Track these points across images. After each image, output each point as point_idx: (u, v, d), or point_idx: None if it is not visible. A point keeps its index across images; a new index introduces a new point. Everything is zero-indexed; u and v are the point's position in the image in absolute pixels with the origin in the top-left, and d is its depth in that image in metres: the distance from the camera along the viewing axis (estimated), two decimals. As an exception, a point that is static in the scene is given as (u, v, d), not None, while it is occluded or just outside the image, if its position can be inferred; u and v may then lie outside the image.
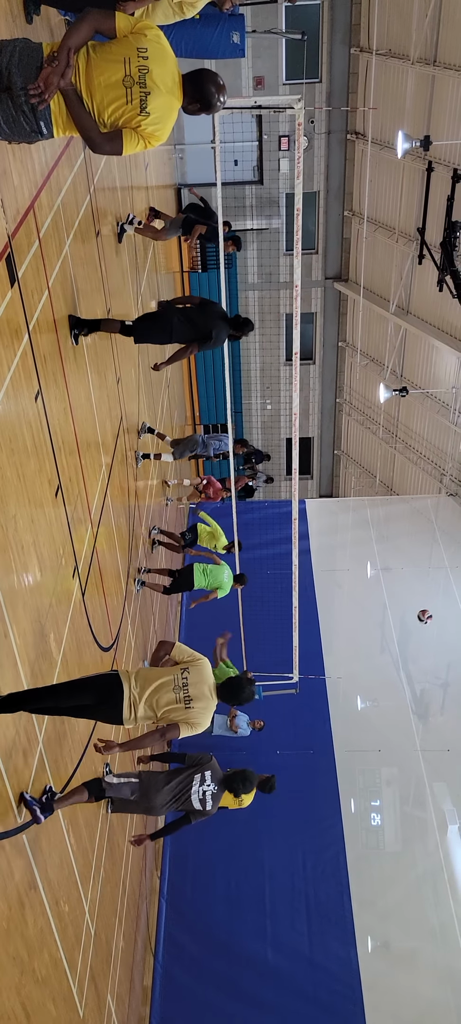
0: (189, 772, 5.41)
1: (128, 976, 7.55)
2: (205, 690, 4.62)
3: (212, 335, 7.18)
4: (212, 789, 5.36)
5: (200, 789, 5.32)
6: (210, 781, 5.37)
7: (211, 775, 5.40)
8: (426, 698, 12.73)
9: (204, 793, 5.33)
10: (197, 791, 5.32)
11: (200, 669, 4.71)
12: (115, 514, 7.77)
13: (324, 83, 16.86)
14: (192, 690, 4.57)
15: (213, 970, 8.92)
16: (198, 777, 5.35)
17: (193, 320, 7.21)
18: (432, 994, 9.21)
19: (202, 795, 5.32)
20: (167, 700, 4.57)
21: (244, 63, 15.89)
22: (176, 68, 3.50)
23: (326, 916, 9.56)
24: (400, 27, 14.45)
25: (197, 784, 5.33)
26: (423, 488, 17.90)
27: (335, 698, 12.15)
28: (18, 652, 4.46)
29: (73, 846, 5.56)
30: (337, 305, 19.61)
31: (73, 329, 5.89)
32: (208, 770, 5.41)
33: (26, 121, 3.21)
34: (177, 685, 4.58)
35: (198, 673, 4.67)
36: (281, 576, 11.76)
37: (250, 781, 5.66)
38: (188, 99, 3.55)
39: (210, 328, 7.17)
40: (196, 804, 5.35)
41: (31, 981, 4.47)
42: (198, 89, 3.53)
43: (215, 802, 5.40)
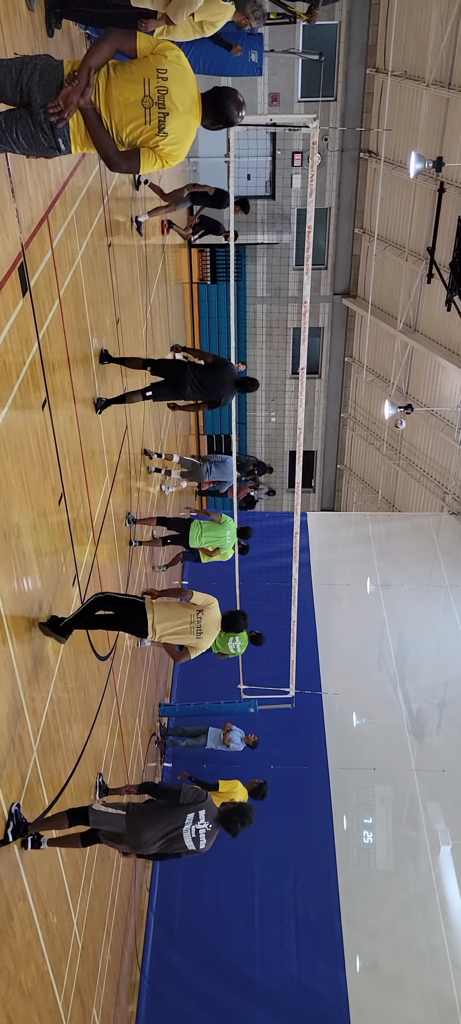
0: (182, 810, 5.15)
1: (114, 990, 7.51)
2: (213, 628, 5.94)
3: (220, 401, 8.00)
4: (206, 828, 5.18)
5: (193, 828, 5.13)
6: (204, 820, 5.17)
7: (205, 814, 5.19)
8: (422, 717, 12.68)
9: (197, 832, 5.15)
10: (189, 830, 5.12)
11: (212, 611, 5.98)
12: (117, 523, 7.78)
13: (339, 102, 16.95)
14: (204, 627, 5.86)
15: (200, 988, 8.85)
16: (191, 816, 5.13)
17: (205, 386, 7.82)
18: (420, 1017, 9.16)
19: (195, 834, 5.14)
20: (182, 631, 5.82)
21: (260, 80, 15.98)
22: (195, 87, 3.52)
23: (315, 936, 9.50)
24: (416, 49, 14.53)
25: (190, 823, 5.12)
26: (425, 506, 17.90)
27: (331, 714, 12.11)
28: (15, 659, 4.46)
29: (64, 857, 5.54)
30: (345, 321, 19.66)
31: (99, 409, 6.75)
32: (202, 808, 5.18)
33: (44, 137, 3.23)
34: (193, 623, 5.84)
35: (210, 615, 5.93)
36: (280, 588, 11.74)
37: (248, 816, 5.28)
38: (209, 119, 3.58)
39: (220, 395, 7.95)
40: (189, 843, 5.13)
41: (17, 993, 4.45)
42: (218, 108, 3.56)
43: (209, 840, 5.21)
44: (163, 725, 11.38)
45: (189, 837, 5.11)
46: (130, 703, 8.71)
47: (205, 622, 5.93)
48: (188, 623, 5.89)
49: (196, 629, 5.88)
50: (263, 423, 20.69)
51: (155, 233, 11.09)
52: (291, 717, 11.33)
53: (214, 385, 7.84)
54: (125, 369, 7.88)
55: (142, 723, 9.65)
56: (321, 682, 12.53)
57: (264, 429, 20.80)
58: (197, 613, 5.93)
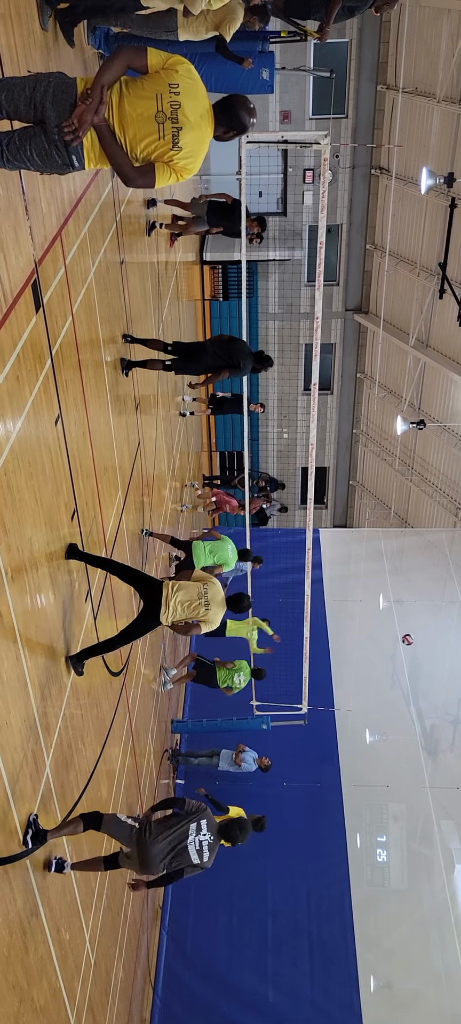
0: (185, 821, 5.35)
1: (127, 1008, 7.45)
2: (218, 599, 6.24)
3: (240, 365, 8.43)
4: (208, 839, 5.37)
5: (196, 839, 5.32)
6: (206, 830, 5.38)
7: (207, 824, 5.41)
8: (436, 734, 12.57)
9: (201, 843, 5.34)
10: (194, 841, 5.30)
11: (215, 585, 6.32)
12: (130, 538, 7.80)
13: (350, 119, 17.04)
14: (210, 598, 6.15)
15: (212, 1007, 8.77)
16: (194, 827, 5.33)
17: (223, 354, 8.40)
18: (434, 1040, 9.02)
19: (199, 845, 5.34)
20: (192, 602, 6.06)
21: (271, 98, 16.11)
22: (207, 99, 3.55)
23: (329, 955, 9.39)
24: (427, 66, 14.60)
25: (193, 834, 5.31)
26: (438, 521, 17.80)
27: (344, 731, 12.02)
28: (28, 674, 4.47)
29: (76, 874, 5.52)
30: (356, 336, 19.67)
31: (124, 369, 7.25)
32: (204, 819, 5.41)
33: (58, 155, 3.27)
34: (201, 593, 6.13)
35: (214, 588, 6.28)
36: (292, 605, 11.70)
37: (246, 829, 5.63)
38: (221, 128, 3.60)
39: (239, 360, 8.41)
40: (193, 856, 5.32)
41: (29, 1010, 4.43)
42: (231, 117, 3.59)
43: (211, 853, 5.40)
44: (176, 743, 11.35)
45: (194, 849, 5.29)
46: (142, 719, 8.70)
47: (211, 595, 6.17)
48: (197, 596, 6.12)
49: (204, 601, 6.13)
50: (275, 439, 20.70)
51: (167, 250, 11.17)
52: (304, 734, 11.25)
53: (232, 353, 8.46)
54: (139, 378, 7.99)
55: (155, 740, 9.62)
56: (334, 699, 12.46)
57: (276, 445, 20.81)
58: (203, 585, 6.23)
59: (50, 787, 4.87)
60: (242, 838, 5.57)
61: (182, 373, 8.82)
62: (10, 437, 4.11)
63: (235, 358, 8.42)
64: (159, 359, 8.09)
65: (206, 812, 5.47)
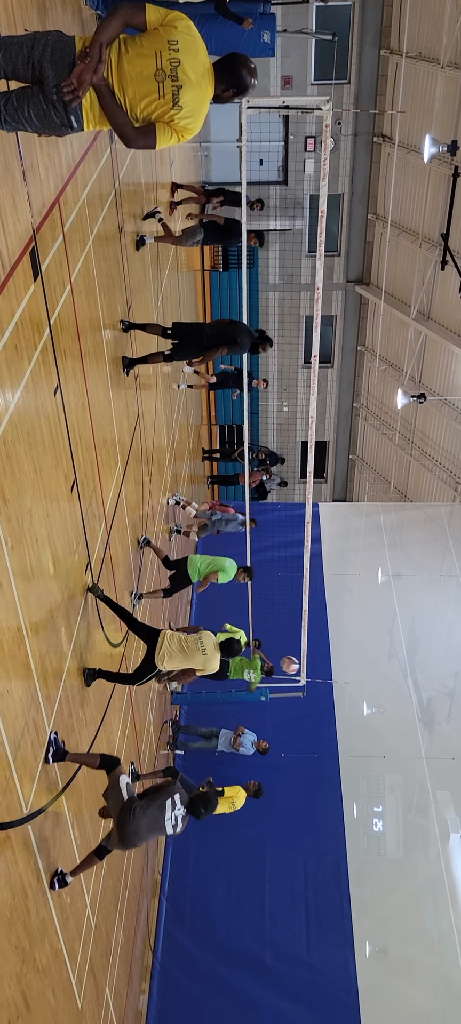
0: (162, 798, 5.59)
1: (127, 971, 7.59)
2: (214, 649, 6.91)
3: (238, 341, 8.47)
4: (182, 813, 5.67)
5: (173, 815, 5.59)
6: (179, 804, 5.65)
7: (180, 797, 5.68)
8: (432, 706, 12.68)
9: (176, 818, 5.61)
10: (170, 818, 5.57)
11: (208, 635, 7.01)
12: (129, 511, 7.80)
13: (352, 84, 16.77)
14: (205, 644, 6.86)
15: (211, 970, 8.94)
16: (169, 803, 5.59)
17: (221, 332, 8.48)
18: (428, 1004, 9.19)
19: (174, 820, 5.60)
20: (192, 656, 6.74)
21: (273, 62, 15.83)
22: (207, 57, 3.48)
23: (325, 921, 9.55)
24: (431, 30, 14.34)
25: (169, 810, 5.57)
26: (437, 496, 17.80)
27: (341, 703, 12.13)
28: (29, 644, 4.49)
29: (77, 839, 5.60)
30: (357, 309, 19.52)
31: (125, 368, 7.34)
32: (176, 793, 5.67)
33: (57, 115, 3.21)
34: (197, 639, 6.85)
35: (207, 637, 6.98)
36: (292, 578, 11.74)
37: (212, 803, 5.93)
38: (221, 86, 3.52)
39: (236, 337, 8.48)
40: (169, 830, 5.59)
41: (32, 970, 4.51)
42: (232, 74, 3.51)
43: (184, 824, 5.72)
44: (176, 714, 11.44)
45: (170, 825, 5.58)
46: (142, 691, 8.76)
47: (206, 642, 6.88)
48: (194, 644, 6.81)
49: (201, 647, 6.83)
50: (275, 413, 20.62)
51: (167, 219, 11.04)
52: (302, 706, 11.34)
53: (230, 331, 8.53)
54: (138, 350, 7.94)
55: (154, 711, 9.70)
56: (332, 671, 12.55)
57: (276, 419, 20.73)
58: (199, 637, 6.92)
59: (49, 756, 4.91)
60: (207, 812, 5.85)
61: (182, 359, 8.86)
62: (9, 407, 4.09)
63: (233, 334, 8.50)
64: (159, 351, 8.20)
65: (177, 785, 5.77)
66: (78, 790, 5.66)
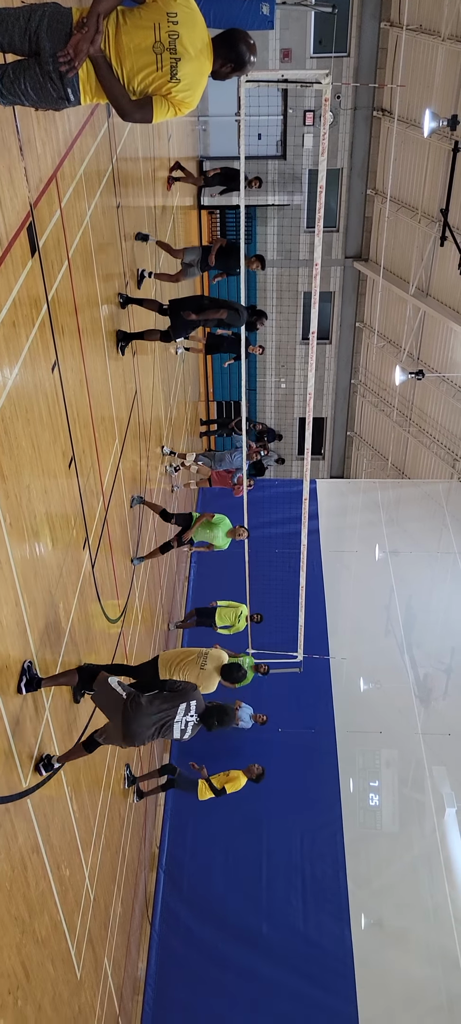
0: (177, 700, 5.26)
1: (125, 942, 7.71)
2: (215, 671, 6.86)
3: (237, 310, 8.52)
4: (194, 720, 5.35)
5: (183, 719, 5.26)
6: (194, 711, 5.33)
7: (196, 704, 5.35)
8: (429, 682, 12.78)
9: (186, 723, 5.30)
10: (180, 720, 5.25)
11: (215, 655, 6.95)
12: (127, 487, 7.81)
13: (352, 58, 16.56)
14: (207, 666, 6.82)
15: (208, 941, 9.07)
16: (184, 707, 5.26)
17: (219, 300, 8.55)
18: (423, 973, 9.35)
19: (185, 725, 5.29)
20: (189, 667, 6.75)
21: (271, 35, 15.62)
22: (205, 31, 3.43)
23: (321, 893, 9.68)
24: (432, 2, 14.15)
25: (182, 714, 5.25)
26: (435, 473, 17.82)
27: (338, 679, 12.22)
28: (28, 620, 4.52)
29: (76, 812, 5.66)
30: (356, 285, 19.41)
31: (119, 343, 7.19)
32: (193, 700, 5.33)
33: (53, 88, 3.17)
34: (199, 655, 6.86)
35: (213, 657, 6.89)
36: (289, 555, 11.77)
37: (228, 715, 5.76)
38: (220, 61, 3.47)
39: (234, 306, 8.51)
40: (176, 733, 5.28)
41: (31, 941, 4.59)
42: (231, 49, 3.46)
43: (193, 732, 5.39)
44: None
45: (179, 728, 5.26)
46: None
47: (209, 661, 6.83)
48: (194, 657, 6.81)
49: (201, 662, 6.81)
50: (273, 389, 20.56)
51: (165, 194, 10.95)
52: (299, 681, 11.43)
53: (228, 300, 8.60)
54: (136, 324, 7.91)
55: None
56: (329, 647, 12.63)
57: (274, 395, 20.68)
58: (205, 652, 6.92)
59: (50, 730, 4.96)
60: (220, 725, 5.62)
61: (180, 336, 8.81)
62: (7, 383, 4.09)
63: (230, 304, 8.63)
64: (156, 329, 8.16)
65: (195, 692, 5.39)
66: (76, 764, 5.71)
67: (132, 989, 8.18)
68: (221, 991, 8.77)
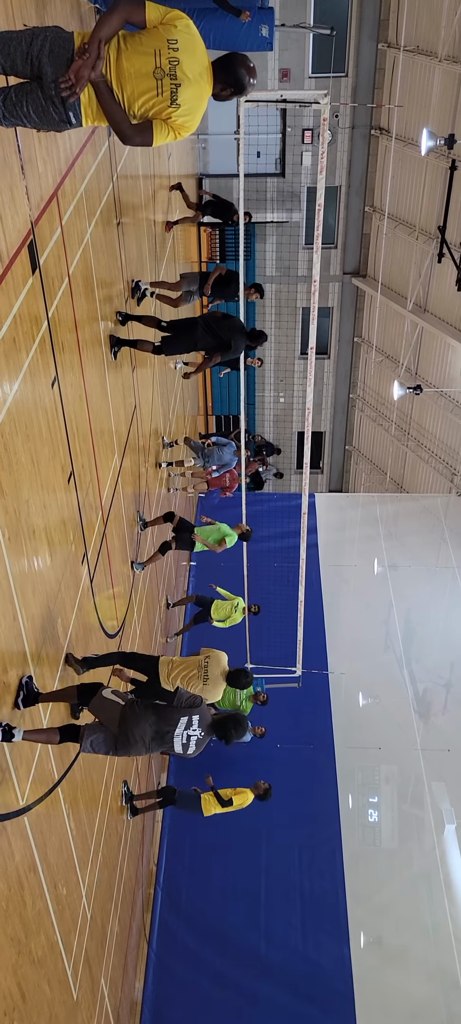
0: (175, 712, 5.02)
1: (122, 962, 7.64)
2: (220, 677, 6.53)
3: (231, 345, 8.16)
4: (198, 735, 5.03)
5: (185, 733, 4.97)
6: (197, 726, 5.01)
7: (199, 719, 5.03)
8: (428, 697, 12.73)
9: (188, 738, 5.00)
10: (181, 734, 4.97)
11: (220, 659, 6.59)
12: (125, 502, 7.81)
13: (350, 78, 16.72)
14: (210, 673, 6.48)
15: (206, 960, 8.99)
16: (185, 720, 4.98)
17: (215, 331, 8.07)
18: (422, 991, 9.26)
19: (186, 739, 5.00)
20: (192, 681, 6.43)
21: (270, 55, 15.77)
22: (205, 56, 3.47)
23: (320, 911, 9.61)
24: (429, 24, 14.30)
25: (182, 727, 4.97)
26: (434, 487, 17.85)
27: (337, 694, 12.18)
28: (26, 635, 4.51)
29: (73, 830, 5.63)
30: (354, 300, 19.51)
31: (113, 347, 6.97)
32: (196, 714, 5.02)
33: (55, 111, 3.21)
34: (201, 667, 6.50)
35: (215, 662, 6.53)
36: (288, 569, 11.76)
37: (243, 726, 5.25)
38: (220, 85, 3.52)
39: (230, 339, 8.14)
40: (178, 747, 5.00)
41: (27, 962, 4.54)
42: (230, 74, 3.51)
43: (198, 747, 5.07)
44: None
45: (179, 742, 4.99)
46: (138, 681, 8.79)
47: (211, 668, 6.51)
48: (196, 669, 6.50)
49: (203, 674, 6.50)
50: (272, 404, 20.62)
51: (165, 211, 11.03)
52: (298, 696, 11.40)
53: (224, 331, 8.14)
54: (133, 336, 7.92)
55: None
56: (328, 662, 12.60)
57: (272, 410, 20.74)
58: (205, 659, 6.58)
59: (47, 748, 4.94)
60: (237, 736, 5.22)
61: (172, 354, 8.53)
62: (7, 399, 4.10)
63: (226, 336, 8.14)
64: (150, 341, 7.92)
65: (200, 707, 5.09)
66: (74, 781, 5.69)
67: (129, 1010, 8.10)
68: (219, 1011, 8.68)
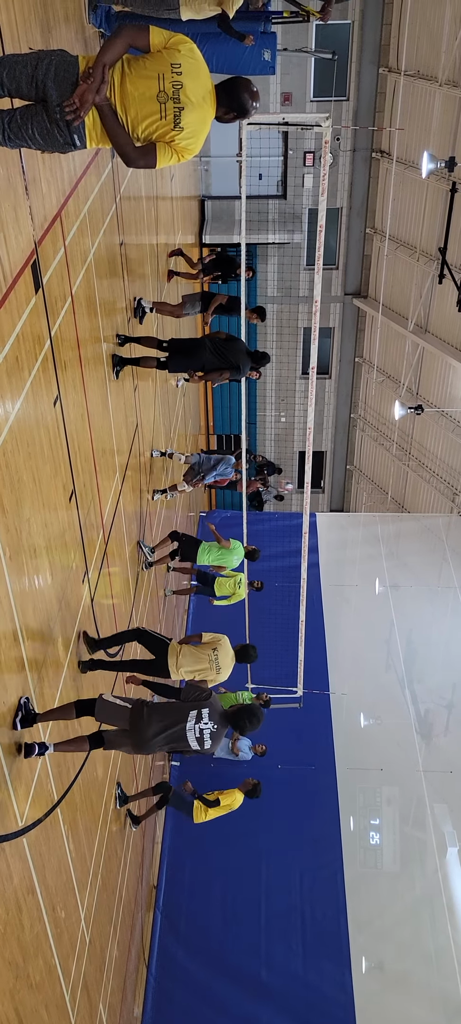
0: (184, 707, 5.01)
1: (121, 986, 7.54)
2: (229, 661, 6.63)
3: (239, 367, 8.32)
4: (210, 727, 4.99)
5: (196, 727, 4.95)
6: (207, 719, 4.98)
7: (209, 713, 5.00)
8: (430, 718, 12.67)
9: (201, 731, 4.96)
10: (193, 728, 4.94)
11: (225, 646, 6.63)
12: (127, 521, 7.80)
13: (351, 101, 16.90)
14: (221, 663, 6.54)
15: (206, 985, 8.88)
16: (194, 714, 4.96)
17: (222, 353, 8.22)
18: (425, 1018, 9.15)
19: (199, 733, 4.96)
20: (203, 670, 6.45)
21: (273, 79, 15.96)
22: (209, 79, 3.52)
23: (321, 935, 9.50)
24: (429, 49, 14.47)
25: (192, 722, 4.94)
26: (435, 507, 17.84)
27: (338, 714, 12.11)
28: (26, 655, 4.48)
29: (72, 852, 5.57)
30: (355, 321, 19.61)
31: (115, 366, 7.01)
32: (205, 707, 5.01)
33: (60, 133, 3.24)
34: (211, 662, 6.50)
35: (223, 650, 6.59)
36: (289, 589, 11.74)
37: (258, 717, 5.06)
38: (223, 108, 3.57)
39: (237, 361, 8.29)
40: (192, 743, 4.96)
41: (25, 986, 4.48)
42: (233, 98, 3.55)
43: (215, 741, 5.02)
44: None
45: (193, 736, 4.96)
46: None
47: (221, 658, 6.59)
48: (207, 663, 6.52)
49: (215, 666, 6.53)
50: (273, 423, 20.67)
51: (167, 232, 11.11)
52: (299, 717, 11.33)
53: (232, 352, 8.28)
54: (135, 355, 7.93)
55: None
56: (329, 682, 12.54)
57: (274, 429, 20.78)
58: (213, 651, 6.58)
59: (47, 766, 4.90)
60: (252, 726, 5.06)
61: (176, 371, 8.55)
62: (9, 418, 4.10)
63: (233, 359, 8.26)
64: (153, 356, 7.95)
65: (209, 700, 5.07)
66: (73, 802, 5.64)
67: (128, 1035, 7.99)
68: (219, 1038, 8.57)
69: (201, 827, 8.80)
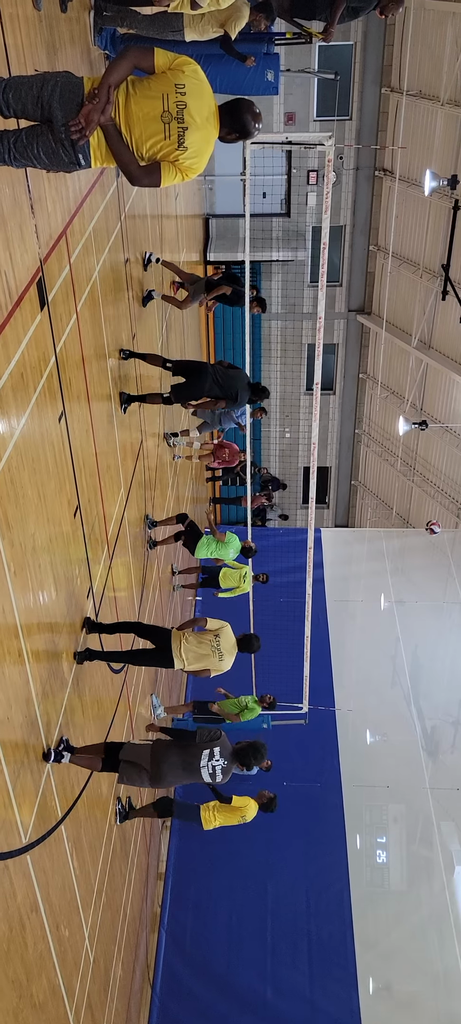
0: (198, 748, 5.56)
1: (125, 1006, 7.46)
2: (231, 649, 6.83)
3: (238, 397, 8.64)
4: (222, 764, 5.55)
5: (209, 764, 5.51)
6: (219, 756, 5.54)
7: (220, 751, 5.57)
8: (437, 735, 12.57)
9: (214, 768, 5.53)
10: (206, 765, 5.50)
11: (227, 633, 6.85)
12: (131, 536, 7.82)
13: (354, 121, 17.05)
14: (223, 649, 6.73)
15: (211, 1006, 8.77)
16: (207, 753, 5.52)
17: (222, 384, 8.47)
18: (433, 1042, 9.03)
19: (212, 769, 5.53)
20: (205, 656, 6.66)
21: (276, 99, 16.12)
22: (213, 100, 3.56)
23: (328, 956, 9.39)
24: (431, 69, 14.61)
25: (206, 759, 5.51)
26: (440, 522, 17.77)
27: (344, 731, 12.03)
28: (30, 671, 4.48)
29: (76, 870, 5.54)
30: (359, 337, 19.68)
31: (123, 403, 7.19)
32: (217, 746, 5.57)
33: (65, 153, 3.29)
34: (214, 648, 6.69)
35: (226, 637, 6.80)
36: (294, 604, 11.72)
37: (262, 753, 5.76)
38: (226, 129, 3.61)
39: (237, 390, 8.57)
40: (206, 777, 5.52)
41: (28, 1006, 4.44)
42: (236, 119, 3.59)
43: (226, 774, 5.60)
44: None
45: (207, 772, 5.52)
46: (143, 718, 8.71)
47: (223, 644, 6.74)
48: (209, 649, 6.68)
49: (217, 653, 6.70)
50: (277, 439, 20.72)
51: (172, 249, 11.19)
52: (304, 734, 11.26)
53: (232, 382, 8.52)
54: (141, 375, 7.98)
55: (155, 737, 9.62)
56: (334, 699, 12.47)
57: (278, 445, 20.83)
58: (214, 637, 6.75)
59: (51, 783, 4.88)
60: (256, 761, 5.72)
61: (182, 401, 8.75)
62: (14, 433, 4.13)
63: (233, 389, 8.53)
64: (158, 393, 8.24)
65: (220, 740, 5.63)
66: (77, 820, 5.62)
67: (132, 1056, 7.90)
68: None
69: (206, 846, 8.73)
